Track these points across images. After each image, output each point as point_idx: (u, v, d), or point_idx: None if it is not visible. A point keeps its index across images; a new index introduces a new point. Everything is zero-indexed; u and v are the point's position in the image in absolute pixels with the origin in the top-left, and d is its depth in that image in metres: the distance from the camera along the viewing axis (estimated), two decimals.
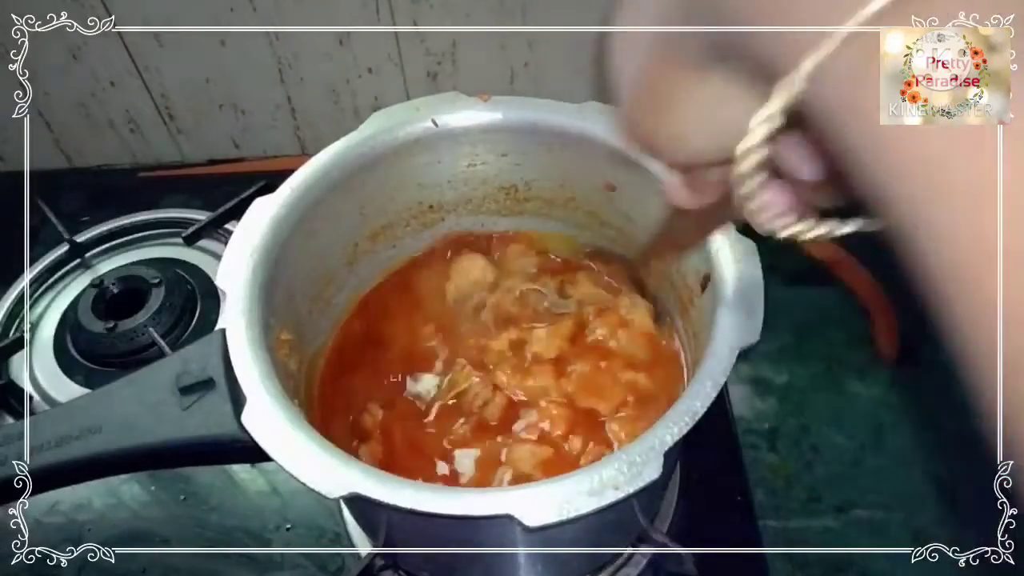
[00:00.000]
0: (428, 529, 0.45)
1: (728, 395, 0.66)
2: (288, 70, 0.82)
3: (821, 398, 0.67)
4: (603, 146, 0.52)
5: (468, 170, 0.57)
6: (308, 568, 0.59)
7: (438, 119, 0.53)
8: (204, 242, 0.77)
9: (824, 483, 0.62)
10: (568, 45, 0.80)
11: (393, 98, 0.83)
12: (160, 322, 0.69)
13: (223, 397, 0.45)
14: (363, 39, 0.79)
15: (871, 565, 0.58)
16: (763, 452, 0.64)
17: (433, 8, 0.76)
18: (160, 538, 0.61)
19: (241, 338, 0.43)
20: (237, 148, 0.91)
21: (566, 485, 0.36)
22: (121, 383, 0.48)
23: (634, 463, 0.37)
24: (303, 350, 0.52)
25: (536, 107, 0.53)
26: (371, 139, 0.52)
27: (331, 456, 0.38)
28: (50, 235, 0.80)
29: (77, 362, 0.70)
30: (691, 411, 0.39)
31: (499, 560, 0.49)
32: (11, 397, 0.69)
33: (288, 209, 0.49)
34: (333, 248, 0.55)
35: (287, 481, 0.61)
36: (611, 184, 0.54)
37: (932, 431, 0.65)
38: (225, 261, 0.46)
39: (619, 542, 0.52)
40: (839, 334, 0.71)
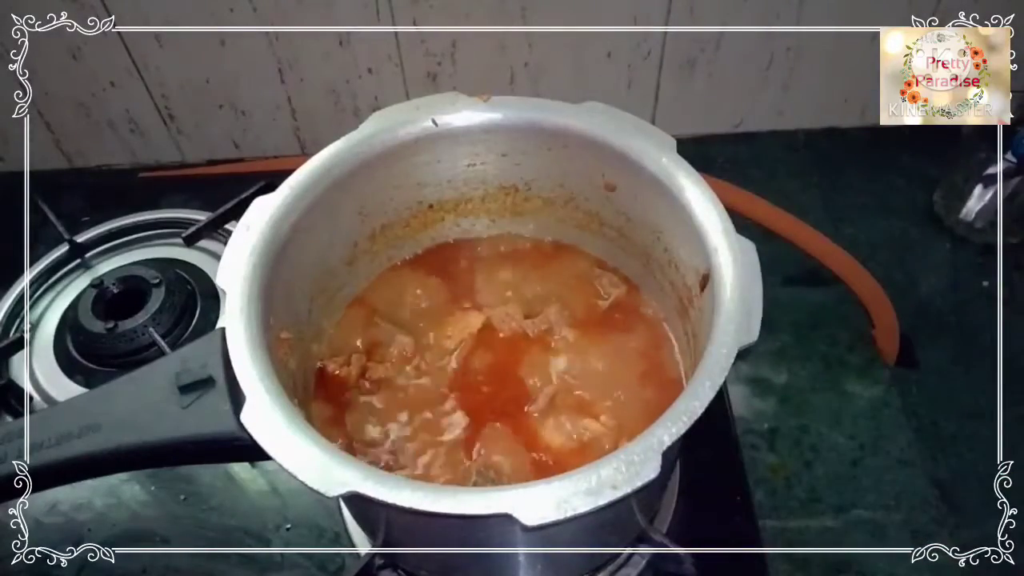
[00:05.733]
0: (427, 528, 0.45)
1: (728, 395, 0.66)
2: (288, 70, 0.82)
3: (821, 398, 0.67)
4: (603, 146, 0.52)
5: (468, 170, 0.57)
6: (308, 568, 0.59)
7: (438, 119, 0.53)
8: (204, 242, 0.77)
9: (824, 483, 0.62)
10: (568, 45, 0.80)
11: (393, 98, 0.83)
12: (160, 322, 0.69)
13: (222, 396, 0.44)
14: (363, 39, 0.79)
15: (871, 565, 0.58)
16: (763, 452, 0.64)
17: (433, 8, 0.76)
18: (160, 538, 0.61)
19: (241, 337, 0.43)
20: (237, 148, 0.91)
21: (564, 484, 0.36)
22: (121, 381, 0.48)
23: (632, 462, 0.37)
24: (303, 349, 0.52)
25: (536, 107, 0.53)
26: (371, 139, 0.52)
27: (330, 455, 0.38)
28: (50, 235, 0.80)
29: (77, 362, 0.70)
30: (690, 411, 0.39)
31: (498, 559, 0.49)
32: (11, 397, 0.69)
33: (288, 209, 0.49)
34: (333, 247, 0.55)
35: (287, 481, 0.61)
36: (611, 184, 0.54)
37: (932, 431, 0.65)
38: (225, 260, 0.46)
39: (618, 542, 0.52)
40: (839, 334, 0.72)
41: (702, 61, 0.82)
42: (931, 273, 0.76)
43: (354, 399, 0.53)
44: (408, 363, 0.55)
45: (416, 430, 0.52)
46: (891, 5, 0.76)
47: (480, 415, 0.52)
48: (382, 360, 0.55)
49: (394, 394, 0.53)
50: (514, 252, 0.61)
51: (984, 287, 0.74)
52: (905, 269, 0.76)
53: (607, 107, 0.52)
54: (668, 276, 0.53)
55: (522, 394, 0.53)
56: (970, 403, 0.66)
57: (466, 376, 0.54)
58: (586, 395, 0.52)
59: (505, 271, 0.60)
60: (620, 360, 0.54)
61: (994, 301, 0.73)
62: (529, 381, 0.53)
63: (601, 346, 0.55)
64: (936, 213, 0.80)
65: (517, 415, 0.52)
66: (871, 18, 0.65)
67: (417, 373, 0.54)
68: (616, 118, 0.52)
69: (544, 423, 0.51)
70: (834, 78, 0.84)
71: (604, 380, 0.53)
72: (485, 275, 0.60)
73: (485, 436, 0.51)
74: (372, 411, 0.53)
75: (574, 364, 0.54)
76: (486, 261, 0.61)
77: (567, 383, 0.53)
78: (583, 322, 0.56)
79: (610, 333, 0.56)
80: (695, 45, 0.81)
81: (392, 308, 0.58)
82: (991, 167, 0.72)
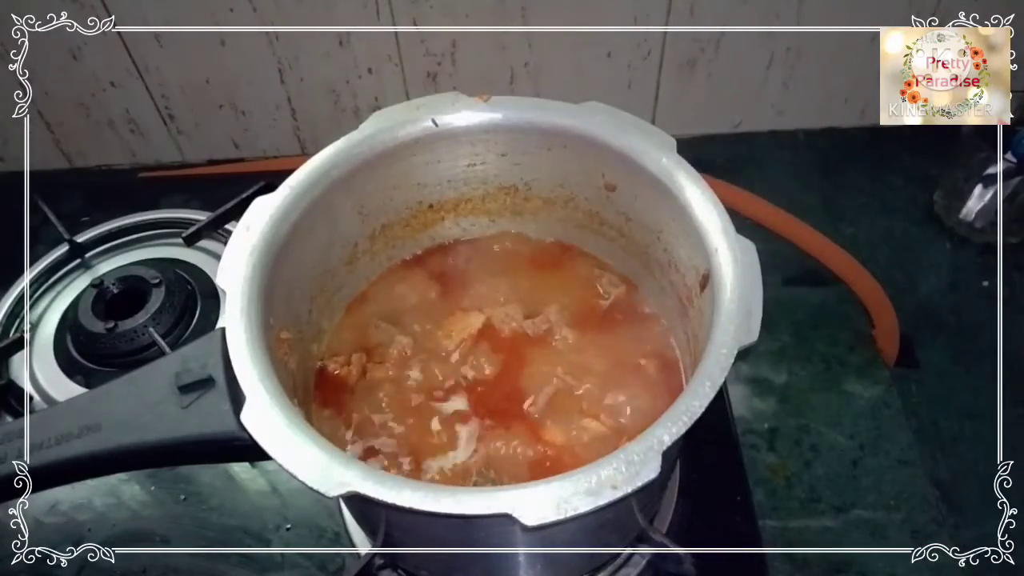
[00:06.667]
0: (427, 528, 0.45)
1: (728, 395, 0.66)
2: (288, 70, 0.82)
3: (821, 398, 0.67)
4: (603, 146, 0.52)
5: (468, 170, 0.57)
6: (308, 568, 0.59)
7: (438, 119, 0.53)
8: (204, 242, 0.77)
9: (824, 483, 0.62)
10: (568, 45, 0.80)
11: (393, 98, 0.83)
12: (160, 322, 0.69)
13: (222, 396, 0.44)
14: (363, 39, 0.79)
15: (871, 565, 0.58)
16: (763, 452, 0.64)
17: (433, 8, 0.76)
18: (160, 538, 0.61)
19: (240, 337, 0.43)
20: (237, 148, 0.91)
21: (564, 484, 0.36)
22: (121, 381, 0.48)
23: (632, 462, 0.37)
24: (302, 349, 0.52)
25: (536, 107, 0.53)
26: (371, 139, 0.52)
27: (330, 455, 0.38)
28: (50, 235, 0.80)
29: (77, 362, 0.70)
30: (690, 411, 0.39)
31: (498, 559, 0.49)
32: (11, 397, 0.69)
33: (288, 209, 0.49)
34: (333, 247, 0.55)
35: (287, 481, 0.61)
36: (611, 184, 0.54)
37: (932, 431, 0.65)
38: (225, 260, 0.46)
39: (618, 542, 0.52)
40: (839, 334, 0.71)
41: (702, 61, 0.82)
42: (931, 273, 0.76)
43: (354, 399, 0.53)
44: (408, 363, 0.55)
45: (416, 430, 0.52)
46: (891, 5, 0.76)
47: (480, 415, 0.52)
48: (382, 360, 0.55)
49: (394, 394, 0.53)
50: (514, 252, 0.61)
51: (984, 287, 0.74)
52: (905, 269, 0.76)
53: (607, 107, 0.52)
54: (668, 276, 0.53)
55: (522, 394, 0.53)
56: (970, 403, 0.66)
57: (466, 376, 0.54)
58: (586, 395, 0.52)
59: (505, 271, 0.60)
60: (620, 360, 0.54)
61: (994, 301, 0.73)
62: (529, 381, 0.53)
63: (601, 346, 0.55)
64: (936, 213, 0.80)
65: (517, 415, 0.52)
66: (871, 18, 0.65)
67: (417, 373, 0.54)
68: (616, 118, 0.52)
69: (544, 423, 0.51)
70: (834, 78, 0.84)
71: (604, 380, 0.53)
72: (485, 275, 0.60)
73: (485, 436, 0.51)
74: (372, 411, 0.53)
75: (574, 364, 0.54)
76: (486, 261, 0.61)
77: (567, 383, 0.53)
78: (583, 322, 0.56)
79: (610, 333, 0.56)
80: (695, 45, 0.81)
81: (392, 308, 0.58)
82: (991, 167, 0.72)
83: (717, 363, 0.40)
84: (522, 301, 0.58)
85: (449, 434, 0.51)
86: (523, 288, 0.59)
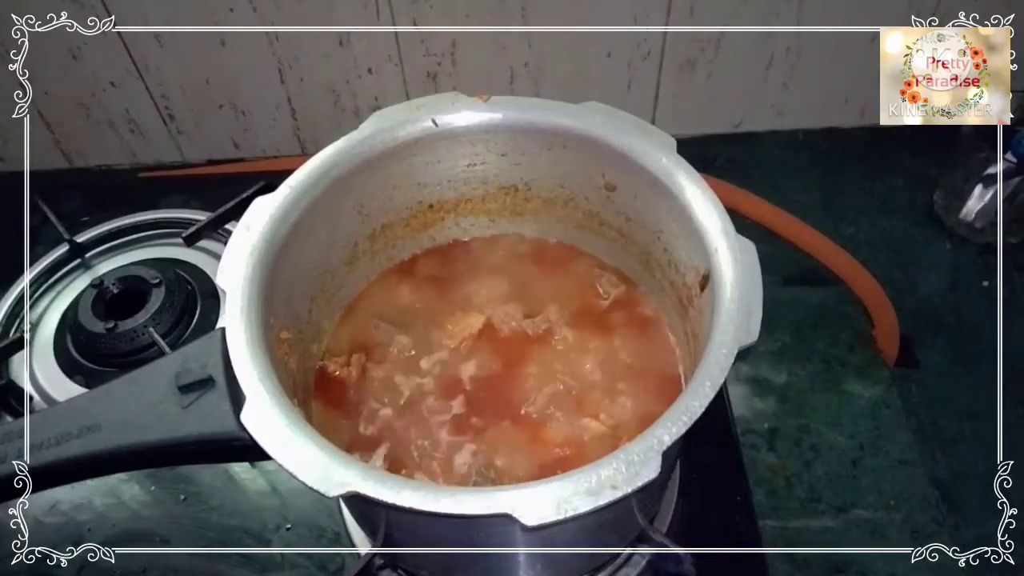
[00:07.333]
0: (427, 528, 0.45)
1: (728, 395, 0.66)
2: (288, 70, 0.82)
3: (821, 398, 0.67)
4: (603, 146, 0.52)
5: (468, 170, 0.57)
6: (308, 568, 0.59)
7: (438, 119, 0.53)
8: (204, 242, 0.77)
9: (824, 483, 0.62)
10: (568, 45, 0.80)
11: (393, 98, 0.83)
12: (160, 322, 0.69)
13: (222, 396, 0.44)
14: (363, 39, 0.79)
15: (871, 565, 0.58)
16: (763, 452, 0.64)
17: (433, 8, 0.76)
18: (160, 538, 0.61)
19: (240, 337, 0.43)
20: (237, 148, 0.91)
21: (564, 484, 0.36)
22: (120, 381, 0.48)
23: (632, 462, 0.37)
24: (302, 349, 0.52)
25: (536, 107, 0.53)
26: (371, 139, 0.52)
27: (330, 455, 0.38)
28: (50, 235, 0.80)
29: (77, 362, 0.70)
30: (690, 411, 0.39)
31: (498, 559, 0.49)
32: (11, 397, 0.69)
33: (288, 209, 0.49)
34: (333, 247, 0.55)
35: (287, 481, 0.61)
36: (611, 184, 0.54)
37: (932, 431, 0.65)
38: (225, 260, 0.46)
39: (618, 542, 0.52)
40: (839, 334, 0.71)
41: (702, 61, 0.82)
42: (931, 273, 0.76)
43: (354, 399, 0.53)
44: (408, 363, 0.55)
45: (416, 430, 0.52)
46: (891, 5, 0.76)
47: (480, 415, 0.52)
48: (382, 360, 0.55)
49: (394, 394, 0.53)
50: (514, 252, 0.61)
51: (984, 287, 0.74)
52: (905, 269, 0.76)
53: (607, 107, 0.52)
54: (668, 276, 0.53)
55: (522, 394, 0.53)
56: (970, 403, 0.66)
57: (466, 376, 0.54)
58: (586, 395, 0.52)
59: (505, 271, 0.60)
60: (620, 360, 0.54)
61: (994, 301, 0.73)
62: (529, 381, 0.53)
63: (601, 346, 0.55)
64: (936, 213, 0.80)
65: (517, 415, 0.52)
66: (871, 18, 0.65)
67: (417, 373, 0.54)
68: (616, 118, 0.52)
69: (544, 423, 0.51)
70: (834, 78, 0.84)
71: (604, 380, 0.53)
72: (485, 275, 0.60)
73: (485, 436, 0.51)
74: (372, 411, 0.53)
75: (574, 364, 0.54)
76: (486, 261, 0.61)
77: (567, 383, 0.53)
78: (583, 322, 0.56)
79: (610, 333, 0.56)
80: (695, 45, 0.81)
81: (392, 308, 0.58)
82: (991, 167, 0.72)
83: (717, 363, 0.40)
84: (522, 301, 0.58)
85: (449, 434, 0.51)
86: (523, 288, 0.59)
